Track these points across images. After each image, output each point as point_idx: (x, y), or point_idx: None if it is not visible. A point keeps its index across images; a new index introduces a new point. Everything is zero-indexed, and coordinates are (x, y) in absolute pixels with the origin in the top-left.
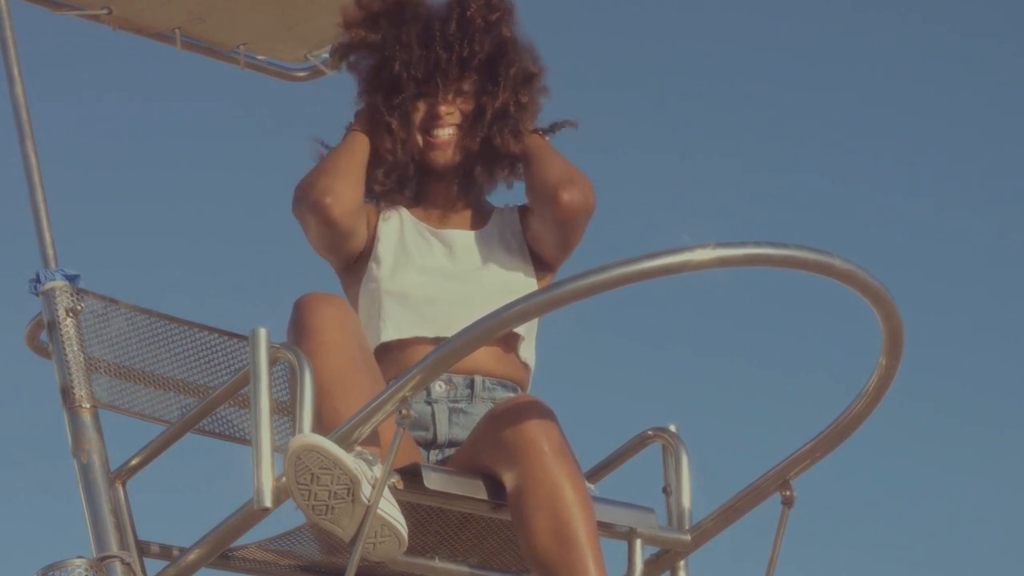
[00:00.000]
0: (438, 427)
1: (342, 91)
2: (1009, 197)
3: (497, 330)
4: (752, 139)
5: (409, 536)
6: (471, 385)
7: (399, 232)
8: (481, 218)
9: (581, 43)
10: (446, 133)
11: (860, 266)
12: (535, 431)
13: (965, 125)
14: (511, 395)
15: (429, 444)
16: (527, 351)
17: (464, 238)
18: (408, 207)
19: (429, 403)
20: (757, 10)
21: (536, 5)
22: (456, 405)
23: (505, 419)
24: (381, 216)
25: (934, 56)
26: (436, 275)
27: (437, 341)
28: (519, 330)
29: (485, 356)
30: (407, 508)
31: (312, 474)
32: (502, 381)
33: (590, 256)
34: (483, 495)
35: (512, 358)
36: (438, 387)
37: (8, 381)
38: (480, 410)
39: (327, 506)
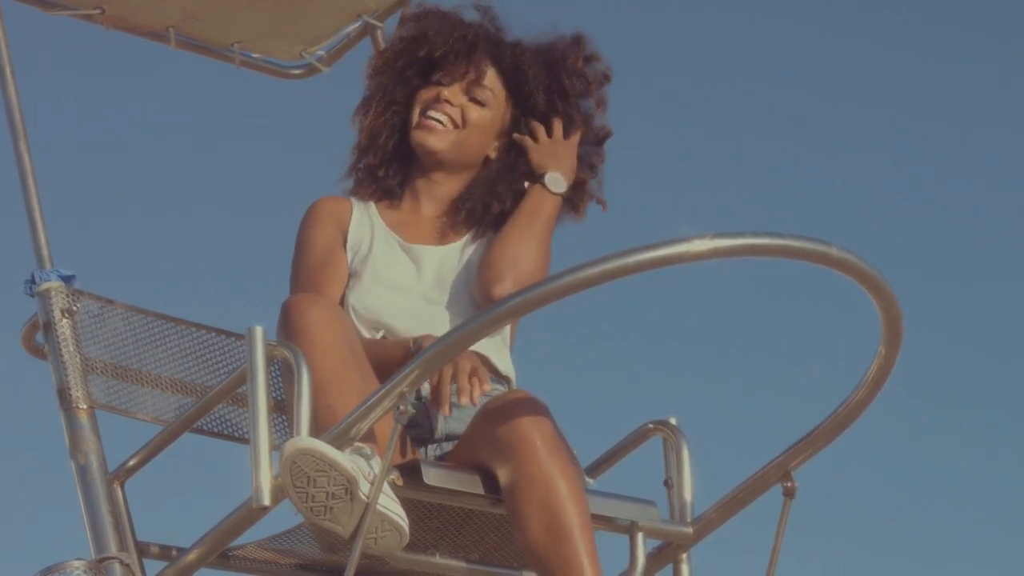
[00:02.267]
0: (434, 423)
1: (338, 88)
2: (1010, 196)
3: (495, 324)
4: (752, 139)
5: (410, 532)
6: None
7: (369, 241)
8: (457, 232)
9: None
10: (441, 118)
11: (857, 255)
12: (528, 427)
13: (966, 125)
14: (499, 387)
15: (427, 440)
16: (503, 365)
17: (432, 255)
18: (381, 206)
19: (421, 400)
20: (757, 10)
21: (539, 3)
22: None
23: (498, 415)
24: (353, 214)
25: (934, 56)
26: (401, 295)
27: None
28: (489, 351)
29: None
30: (407, 505)
31: (308, 477)
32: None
33: (589, 252)
34: (483, 490)
35: (495, 354)
36: (425, 385)
37: (5, 383)
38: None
39: (325, 507)
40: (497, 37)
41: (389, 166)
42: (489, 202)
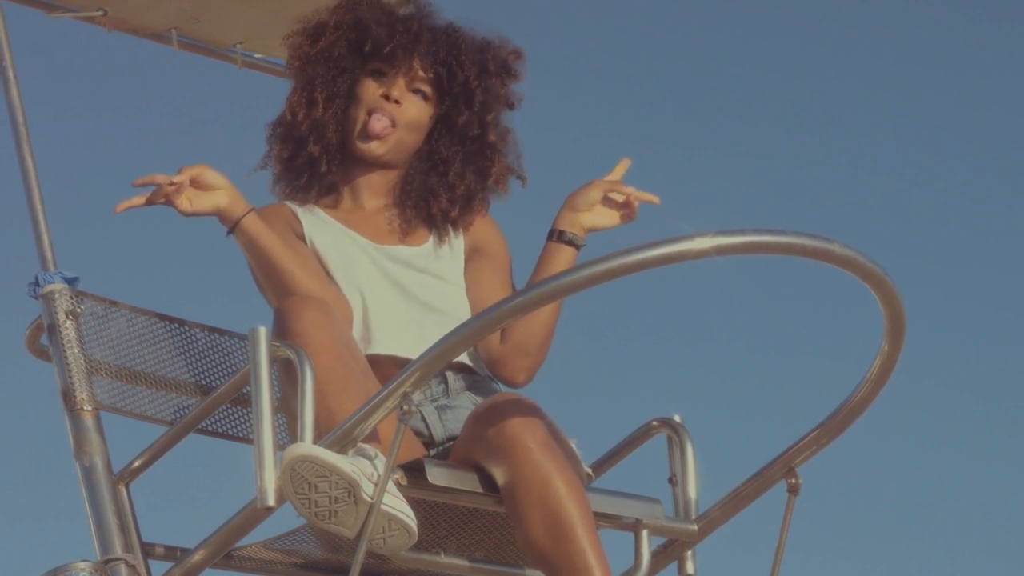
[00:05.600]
0: (432, 428)
1: None
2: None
3: (497, 323)
4: (755, 133)
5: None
6: (444, 381)
7: (333, 245)
8: (418, 233)
9: (586, 35)
10: (385, 120)
11: (859, 251)
12: (519, 429)
13: (978, 115)
14: (481, 379)
15: (428, 446)
16: (478, 367)
17: (404, 255)
18: (322, 205)
19: (414, 409)
20: (763, 1)
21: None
22: (439, 402)
23: (488, 419)
24: (301, 218)
25: (939, 42)
26: (391, 298)
27: (394, 359)
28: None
29: None
30: (410, 504)
31: (309, 483)
32: (469, 369)
33: (592, 247)
34: (487, 489)
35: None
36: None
37: (9, 385)
38: (462, 401)
39: (329, 511)
40: (433, 25)
41: (331, 162)
42: (427, 198)
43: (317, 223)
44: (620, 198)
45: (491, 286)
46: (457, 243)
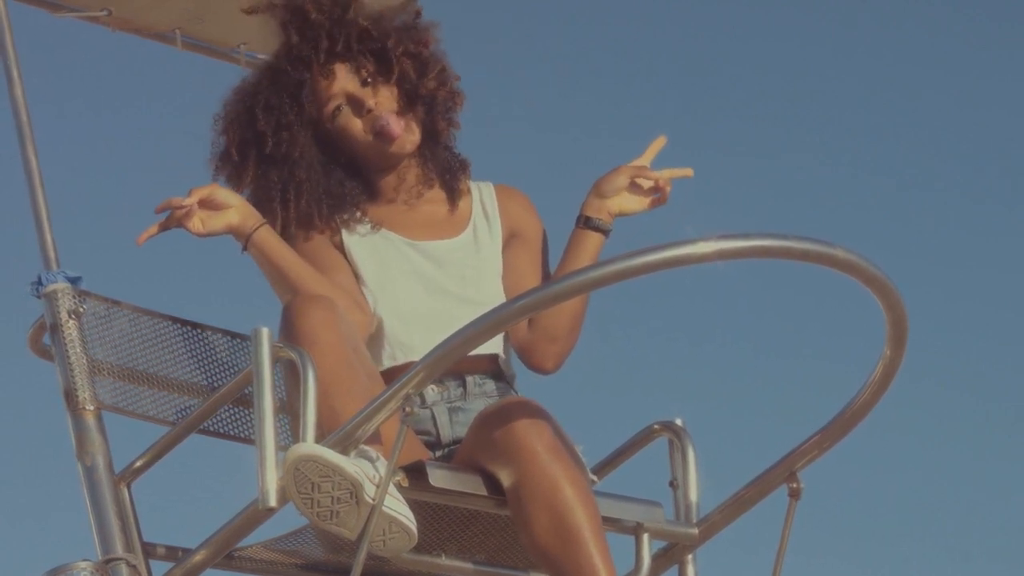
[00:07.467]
0: (440, 429)
1: None
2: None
3: (500, 326)
4: (756, 132)
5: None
6: (463, 384)
7: (370, 248)
8: (456, 217)
9: (586, 35)
10: (390, 119)
11: (862, 256)
12: (526, 432)
13: (977, 116)
14: (502, 384)
15: (433, 446)
16: (505, 366)
17: (442, 250)
18: (362, 212)
19: (426, 407)
20: (763, 1)
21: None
22: (453, 404)
23: (496, 421)
24: (343, 229)
25: (943, 42)
26: (423, 298)
27: None
28: (496, 349)
29: (471, 356)
30: (412, 506)
31: (312, 483)
32: (492, 373)
33: (619, 232)
34: (488, 492)
35: (497, 356)
36: (431, 391)
37: (11, 384)
38: (477, 405)
39: (331, 511)
40: (316, 36)
41: (343, 186)
42: (447, 182)
43: (357, 229)
44: (647, 184)
45: (525, 271)
46: (496, 229)
